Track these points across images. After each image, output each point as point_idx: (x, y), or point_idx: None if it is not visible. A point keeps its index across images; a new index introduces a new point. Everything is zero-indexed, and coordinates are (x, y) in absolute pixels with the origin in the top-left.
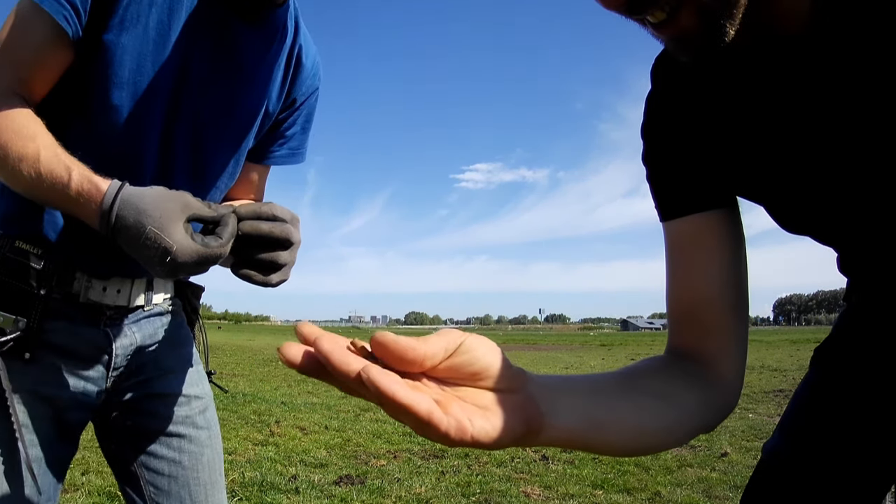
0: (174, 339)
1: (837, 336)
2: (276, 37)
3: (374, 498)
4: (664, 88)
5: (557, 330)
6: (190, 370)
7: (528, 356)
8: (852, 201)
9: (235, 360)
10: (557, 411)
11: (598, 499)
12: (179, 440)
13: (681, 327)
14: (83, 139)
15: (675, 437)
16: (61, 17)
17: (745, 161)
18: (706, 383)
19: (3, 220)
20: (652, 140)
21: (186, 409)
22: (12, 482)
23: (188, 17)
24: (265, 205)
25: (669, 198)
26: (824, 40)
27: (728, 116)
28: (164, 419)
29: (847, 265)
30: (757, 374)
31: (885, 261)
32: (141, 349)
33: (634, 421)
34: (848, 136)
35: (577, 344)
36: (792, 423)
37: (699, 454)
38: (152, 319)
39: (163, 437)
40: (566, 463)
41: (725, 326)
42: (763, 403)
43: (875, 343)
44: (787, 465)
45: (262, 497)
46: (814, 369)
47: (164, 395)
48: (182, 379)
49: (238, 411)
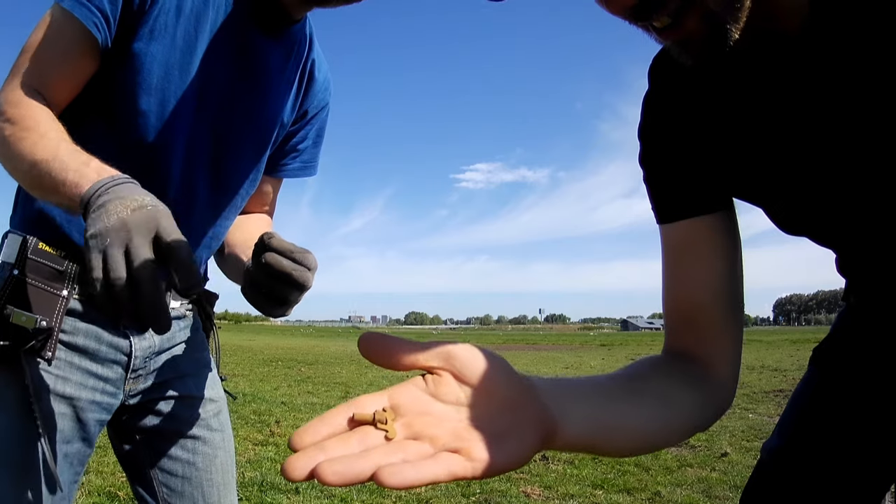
0: (191, 343)
1: (836, 336)
2: (293, 50)
3: (374, 498)
4: (662, 89)
5: (557, 330)
6: (205, 373)
7: (528, 356)
8: (850, 202)
9: (235, 360)
10: (567, 419)
11: (598, 499)
12: (194, 442)
13: (677, 329)
14: (107, 146)
15: (674, 436)
16: (91, 23)
17: (743, 162)
18: (702, 384)
19: (29, 223)
20: (649, 141)
21: (201, 412)
22: (33, 479)
23: (213, 29)
24: (301, 251)
25: (666, 201)
26: (822, 40)
27: (726, 117)
28: (179, 421)
29: (845, 266)
30: (757, 374)
31: (882, 262)
32: (160, 352)
33: (638, 423)
34: (846, 137)
35: (577, 344)
36: (790, 424)
37: (699, 454)
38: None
39: (178, 439)
40: (566, 463)
41: (720, 329)
42: (763, 403)
43: (873, 343)
44: (786, 465)
45: (262, 497)
46: (812, 369)
47: (181, 397)
48: (198, 382)
49: (238, 411)
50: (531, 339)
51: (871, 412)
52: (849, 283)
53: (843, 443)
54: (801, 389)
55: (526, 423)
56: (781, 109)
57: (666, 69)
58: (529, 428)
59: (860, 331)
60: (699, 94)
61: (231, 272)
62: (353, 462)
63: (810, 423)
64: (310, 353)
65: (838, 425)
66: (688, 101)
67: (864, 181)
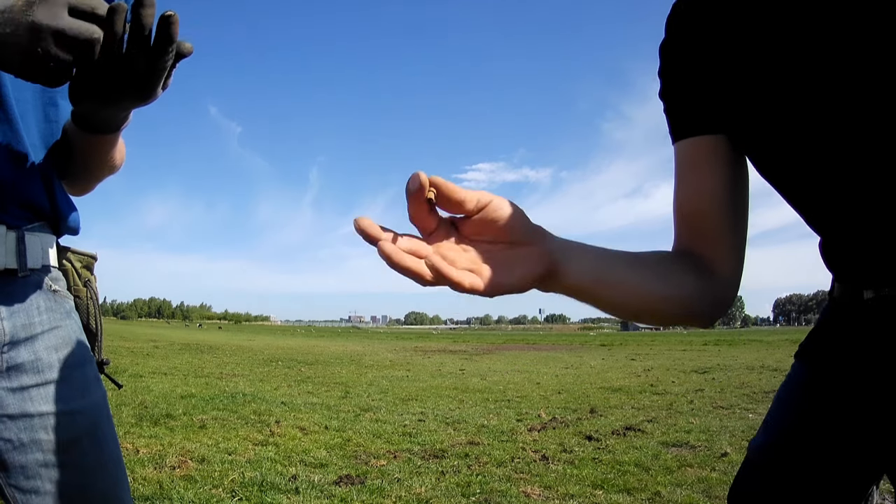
0: (58, 335)
1: (819, 331)
2: None
3: (374, 498)
4: (688, 5)
5: (557, 330)
6: (77, 377)
7: (528, 356)
8: (852, 142)
9: (235, 360)
10: (570, 262)
11: (598, 499)
12: (63, 472)
13: (682, 233)
14: None
15: (671, 308)
16: None
17: (755, 81)
18: (703, 273)
19: None
20: (669, 56)
21: (70, 432)
22: None
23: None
24: None
25: (679, 116)
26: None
27: (745, 33)
28: (40, 448)
29: (829, 249)
30: (757, 374)
31: (864, 240)
32: (13, 343)
33: (634, 284)
34: (861, 66)
35: (577, 344)
36: (776, 420)
37: (699, 454)
38: (29, 299)
39: (40, 469)
40: (566, 463)
41: (721, 234)
42: (763, 403)
43: (855, 337)
44: (771, 461)
45: (262, 497)
46: (796, 365)
47: (43, 414)
48: (67, 391)
49: (238, 411)
50: (531, 339)
51: (855, 406)
52: (833, 276)
53: (828, 438)
54: (786, 385)
55: (532, 258)
56: (799, 28)
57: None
58: (534, 262)
59: (842, 325)
60: (721, 9)
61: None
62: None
63: (795, 419)
64: (310, 353)
65: (823, 420)
66: (709, 17)
67: (872, 120)
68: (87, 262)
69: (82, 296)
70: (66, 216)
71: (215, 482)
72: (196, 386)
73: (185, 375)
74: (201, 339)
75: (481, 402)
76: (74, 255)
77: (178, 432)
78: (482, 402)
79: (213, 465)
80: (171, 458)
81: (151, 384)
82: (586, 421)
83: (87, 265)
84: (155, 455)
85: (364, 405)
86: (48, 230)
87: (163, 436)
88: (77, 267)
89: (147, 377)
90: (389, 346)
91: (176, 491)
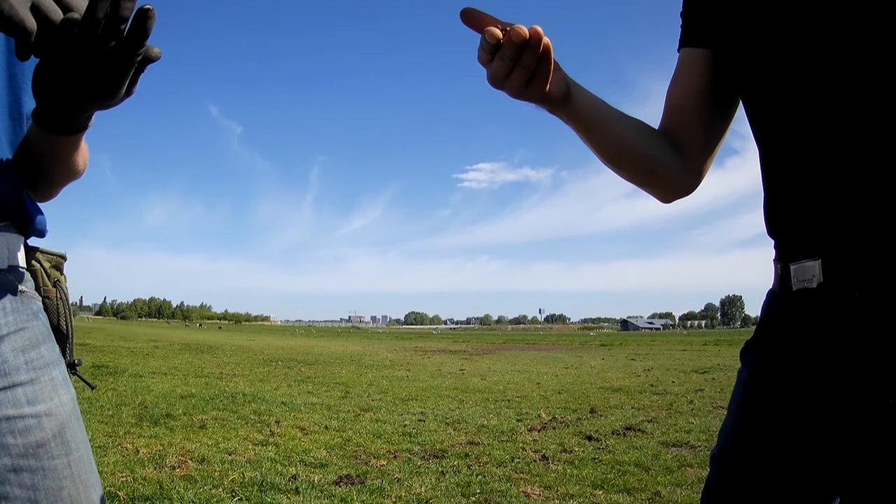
0: (24, 336)
1: (758, 330)
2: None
3: (374, 498)
4: None
5: (557, 330)
6: (45, 379)
7: (528, 356)
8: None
9: (235, 360)
10: (580, 94)
11: (598, 499)
12: (31, 476)
13: (667, 119)
14: None
15: (645, 165)
16: None
17: (754, 12)
18: (677, 153)
19: None
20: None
21: (38, 435)
22: None
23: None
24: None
25: (688, 29)
26: None
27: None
28: (8, 453)
29: (773, 206)
30: None
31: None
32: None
33: (623, 131)
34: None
35: (577, 344)
36: (725, 426)
37: (699, 454)
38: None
39: (10, 475)
40: (566, 463)
41: (697, 131)
42: None
43: (783, 333)
44: (723, 473)
45: (262, 497)
46: (740, 371)
47: (8, 418)
48: (36, 391)
49: (238, 411)
50: (531, 339)
51: (798, 405)
52: (773, 236)
53: (773, 440)
54: (734, 390)
55: (556, 76)
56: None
57: None
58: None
59: (773, 321)
60: None
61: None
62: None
63: (741, 424)
64: (310, 353)
65: (766, 423)
66: None
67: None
68: (56, 262)
69: (52, 296)
70: (33, 217)
71: (215, 482)
72: (196, 386)
73: (185, 375)
74: (201, 339)
75: (481, 402)
76: (43, 255)
77: (178, 432)
78: (482, 402)
79: (213, 465)
80: (171, 458)
81: (151, 384)
82: (586, 421)
83: (57, 265)
84: (155, 455)
85: (364, 405)
86: (14, 230)
87: (163, 436)
88: (46, 267)
89: (147, 377)
90: (389, 346)
91: (176, 491)
